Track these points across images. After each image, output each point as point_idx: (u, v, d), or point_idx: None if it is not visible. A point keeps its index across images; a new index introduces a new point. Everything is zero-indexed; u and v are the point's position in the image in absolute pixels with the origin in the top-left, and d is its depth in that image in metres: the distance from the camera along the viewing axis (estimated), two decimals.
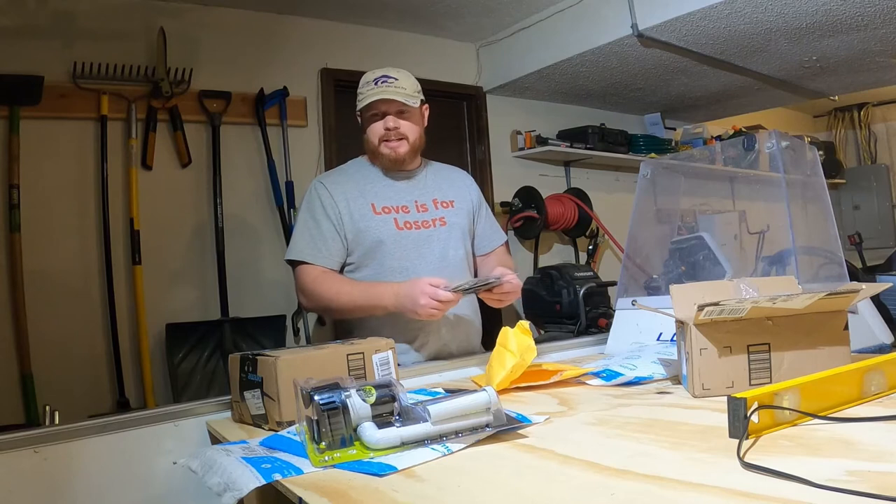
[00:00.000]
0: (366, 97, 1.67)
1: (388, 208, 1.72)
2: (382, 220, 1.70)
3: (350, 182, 1.74)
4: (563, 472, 0.75)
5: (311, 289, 1.67)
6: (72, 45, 2.51)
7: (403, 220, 1.71)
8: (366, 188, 1.73)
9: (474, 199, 1.88)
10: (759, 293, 1.07)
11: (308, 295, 1.69)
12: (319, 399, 0.86)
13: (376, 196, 1.72)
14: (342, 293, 1.65)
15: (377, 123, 1.69)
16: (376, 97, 1.65)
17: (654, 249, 1.95)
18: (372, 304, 1.61)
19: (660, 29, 2.82)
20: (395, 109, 1.68)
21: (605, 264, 4.09)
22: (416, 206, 1.74)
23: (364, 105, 1.67)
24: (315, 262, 1.68)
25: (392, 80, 1.68)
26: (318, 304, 1.69)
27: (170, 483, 1.16)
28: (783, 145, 1.60)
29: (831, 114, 5.85)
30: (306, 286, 1.68)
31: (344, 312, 1.69)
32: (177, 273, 2.72)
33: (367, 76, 1.71)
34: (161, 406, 1.61)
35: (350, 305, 1.64)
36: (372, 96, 1.66)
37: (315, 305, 1.71)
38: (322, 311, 1.82)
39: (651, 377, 1.24)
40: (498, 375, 1.23)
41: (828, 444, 0.74)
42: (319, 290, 1.66)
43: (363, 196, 1.71)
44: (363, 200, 1.71)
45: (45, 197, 2.46)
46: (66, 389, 2.41)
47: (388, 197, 1.73)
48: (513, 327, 1.28)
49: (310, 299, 1.69)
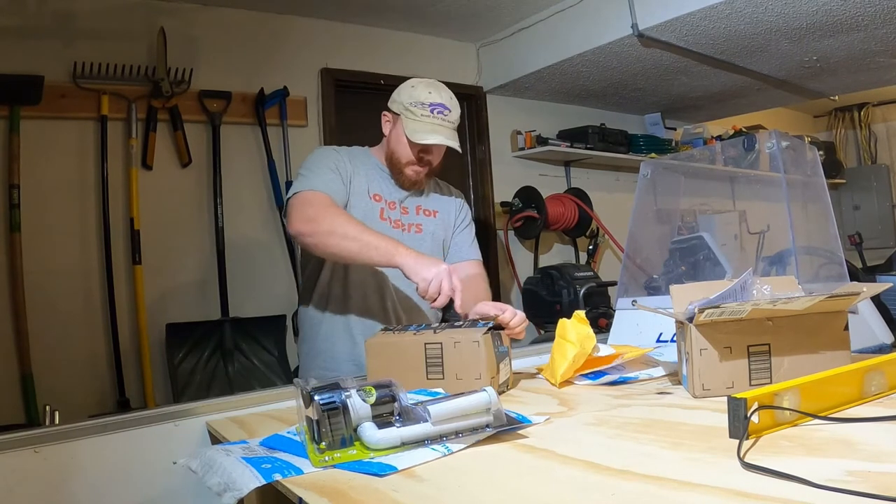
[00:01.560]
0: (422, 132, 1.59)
1: (378, 196, 1.70)
2: (370, 205, 1.67)
3: (357, 158, 1.72)
4: (563, 472, 0.75)
5: (316, 211, 1.50)
6: (72, 45, 2.52)
7: (388, 214, 1.70)
8: (367, 171, 1.71)
9: (460, 216, 1.85)
10: (772, 290, 1.07)
11: (311, 217, 1.50)
12: (319, 399, 0.86)
13: (372, 182, 1.70)
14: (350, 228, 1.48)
15: (414, 151, 1.64)
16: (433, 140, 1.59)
17: (654, 249, 1.95)
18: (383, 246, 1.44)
19: (660, 29, 2.82)
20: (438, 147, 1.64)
21: (605, 264, 4.09)
22: (401, 207, 1.73)
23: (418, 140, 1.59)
24: (327, 192, 1.55)
25: (448, 112, 1.61)
26: (320, 227, 1.49)
27: (170, 483, 1.16)
28: (783, 145, 1.60)
29: (831, 114, 5.85)
30: (310, 207, 1.52)
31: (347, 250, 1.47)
32: (177, 273, 2.72)
33: (420, 93, 1.61)
34: (161, 406, 1.61)
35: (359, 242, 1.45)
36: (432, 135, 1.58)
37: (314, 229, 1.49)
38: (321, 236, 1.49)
39: (637, 377, 1.26)
40: (561, 366, 1.26)
41: (828, 445, 0.74)
42: (330, 212, 1.51)
43: (364, 175, 1.69)
44: (363, 178, 1.68)
45: (45, 197, 2.47)
46: (66, 389, 2.41)
47: (381, 188, 1.72)
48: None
49: (312, 221, 1.50)
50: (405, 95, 1.64)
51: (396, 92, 1.68)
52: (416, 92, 1.62)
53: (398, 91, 1.67)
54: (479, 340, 1.17)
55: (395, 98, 1.67)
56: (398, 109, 1.64)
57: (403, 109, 1.62)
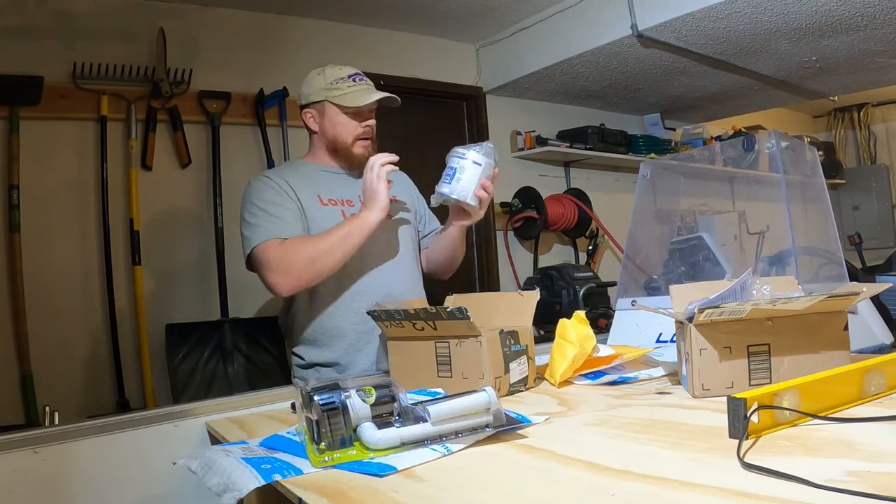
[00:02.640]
0: (359, 95, 1.62)
1: (333, 200, 1.66)
2: (330, 212, 1.63)
3: (293, 175, 1.67)
4: (562, 472, 0.75)
5: (281, 254, 1.51)
6: (72, 45, 2.51)
7: (350, 212, 1.64)
8: (309, 181, 1.67)
9: (415, 196, 1.86)
10: (772, 290, 1.07)
11: (280, 263, 1.50)
12: (319, 399, 0.86)
13: (321, 188, 1.66)
14: (317, 237, 1.53)
15: (355, 122, 1.65)
16: (374, 97, 1.62)
17: (654, 249, 1.95)
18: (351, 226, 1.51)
19: (660, 29, 2.82)
20: (370, 108, 1.66)
21: (604, 264, 4.09)
22: (360, 200, 1.65)
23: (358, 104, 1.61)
24: (277, 236, 1.54)
25: (364, 77, 1.67)
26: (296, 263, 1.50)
27: (169, 483, 1.16)
28: (783, 145, 1.61)
29: (831, 114, 5.85)
30: (274, 256, 1.51)
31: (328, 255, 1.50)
32: (177, 273, 2.72)
33: (334, 73, 1.66)
34: (161, 406, 1.61)
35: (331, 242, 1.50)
36: (366, 95, 1.62)
37: (293, 270, 1.51)
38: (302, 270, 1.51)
39: (637, 377, 1.26)
40: (561, 367, 1.26)
41: (828, 445, 0.74)
42: (292, 249, 1.51)
43: (309, 187, 1.65)
44: (309, 192, 1.64)
45: (45, 197, 2.46)
46: (66, 390, 2.41)
47: (332, 190, 1.68)
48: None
49: (283, 266, 1.50)
50: (319, 82, 1.66)
51: (305, 86, 1.69)
52: (329, 72, 1.66)
53: (307, 85, 1.69)
54: (482, 340, 1.17)
55: (309, 91, 1.68)
56: (319, 97, 1.65)
57: (326, 93, 1.64)
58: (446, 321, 1.17)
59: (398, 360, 1.32)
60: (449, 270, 1.83)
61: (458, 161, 1.50)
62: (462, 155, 1.49)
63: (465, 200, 1.50)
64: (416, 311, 1.22)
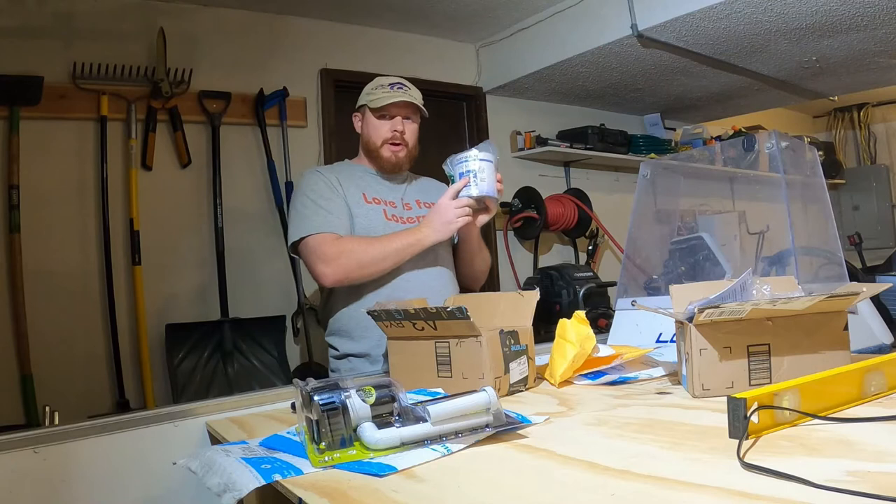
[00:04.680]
0: (382, 98, 1.71)
1: (377, 199, 1.76)
2: (372, 209, 1.73)
3: (342, 173, 1.78)
4: (562, 472, 0.75)
5: (335, 250, 1.60)
6: (72, 45, 2.52)
7: (391, 212, 1.75)
8: (356, 181, 1.77)
9: None
10: (772, 290, 1.07)
11: (333, 258, 1.60)
12: (319, 399, 0.86)
13: (366, 188, 1.77)
14: (372, 242, 1.62)
15: (385, 124, 1.74)
16: (396, 99, 1.70)
17: (654, 249, 1.95)
18: (408, 242, 1.61)
19: (659, 29, 2.82)
20: (404, 114, 1.74)
21: (604, 264, 4.09)
22: (402, 203, 1.79)
23: (380, 105, 1.71)
24: (331, 230, 1.64)
25: (406, 87, 1.75)
26: (348, 262, 1.60)
27: (169, 483, 1.16)
28: (783, 146, 1.61)
29: (831, 114, 5.85)
30: (328, 250, 1.61)
31: (378, 263, 1.61)
32: (177, 273, 2.72)
33: (381, 80, 1.76)
34: (161, 406, 1.61)
35: (384, 252, 1.60)
36: (391, 98, 1.71)
37: (343, 267, 1.61)
38: (352, 271, 1.62)
39: (637, 377, 1.26)
40: (561, 367, 1.26)
41: (828, 444, 0.74)
42: (347, 247, 1.61)
43: (354, 185, 1.75)
44: (355, 189, 1.74)
45: (45, 197, 2.46)
46: (66, 390, 2.41)
47: (376, 190, 1.78)
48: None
49: (336, 262, 1.60)
50: (367, 89, 1.78)
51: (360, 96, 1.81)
52: (375, 81, 1.78)
53: (361, 94, 1.81)
54: (482, 340, 1.17)
55: (359, 98, 1.80)
56: (362, 101, 1.77)
57: (366, 97, 1.76)
58: (446, 321, 1.17)
59: (398, 360, 1.32)
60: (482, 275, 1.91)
61: (470, 164, 1.57)
62: (474, 157, 1.57)
63: (492, 195, 1.60)
64: (416, 310, 1.22)
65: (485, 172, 1.57)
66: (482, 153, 1.57)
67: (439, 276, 1.75)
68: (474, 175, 1.57)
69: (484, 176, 1.57)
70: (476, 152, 1.57)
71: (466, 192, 1.57)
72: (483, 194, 1.57)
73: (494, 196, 1.60)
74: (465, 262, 1.85)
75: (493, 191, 1.58)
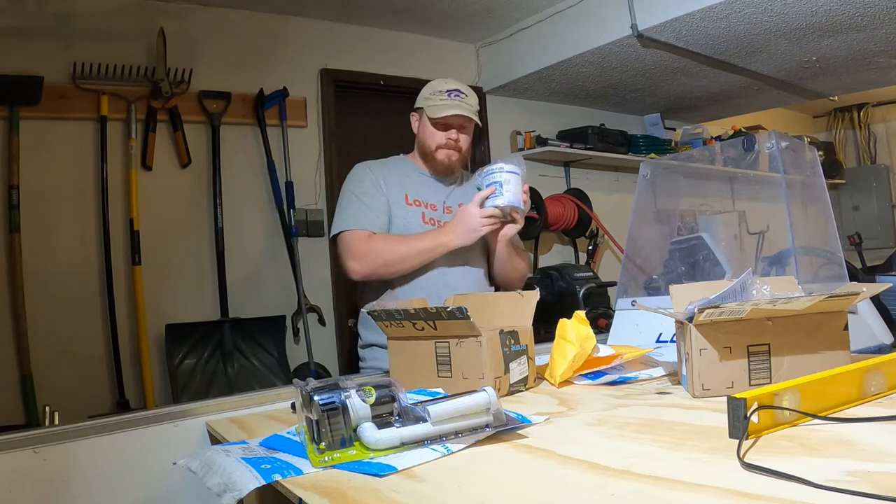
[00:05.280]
0: (442, 108, 1.75)
1: (418, 202, 1.81)
2: (412, 211, 1.79)
3: (390, 171, 1.84)
4: (562, 472, 0.75)
5: (365, 248, 1.69)
6: (72, 45, 2.52)
7: (430, 216, 1.80)
8: (402, 179, 1.82)
9: None
10: (772, 290, 1.07)
11: (362, 255, 1.69)
12: (319, 399, 0.86)
13: (410, 188, 1.82)
14: (400, 242, 1.71)
15: (440, 133, 1.78)
16: (455, 111, 1.74)
17: (654, 249, 1.95)
18: (433, 244, 1.68)
19: (659, 29, 2.82)
20: (459, 123, 1.78)
21: (604, 264, 4.09)
22: (444, 206, 1.83)
23: (438, 115, 1.74)
24: (365, 227, 1.72)
25: (464, 95, 1.78)
26: (376, 260, 1.69)
27: (169, 483, 1.16)
28: (783, 146, 1.60)
29: (831, 114, 5.85)
30: (359, 247, 1.70)
31: (404, 262, 1.70)
32: (177, 273, 2.72)
33: (438, 85, 1.80)
34: (161, 406, 1.61)
35: (410, 252, 1.68)
36: (450, 109, 1.74)
37: (371, 264, 1.70)
38: (379, 268, 1.72)
39: (637, 377, 1.26)
40: (561, 367, 1.27)
41: (828, 444, 0.74)
42: (376, 246, 1.69)
43: (400, 185, 1.81)
44: (399, 188, 1.80)
45: (45, 197, 2.47)
46: (66, 390, 2.41)
47: (420, 192, 1.82)
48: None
49: (365, 259, 1.69)
50: (425, 91, 1.81)
51: (418, 95, 1.84)
52: (434, 84, 1.81)
53: (420, 93, 1.83)
54: (482, 340, 1.17)
55: (418, 98, 1.83)
56: (420, 104, 1.82)
57: (424, 101, 1.80)
58: (446, 321, 1.17)
59: (398, 360, 1.32)
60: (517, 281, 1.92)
61: (498, 175, 1.62)
62: (500, 169, 1.62)
63: (518, 206, 1.64)
64: (417, 310, 1.22)
65: (511, 184, 1.61)
66: (508, 165, 1.62)
67: (467, 275, 1.79)
68: (500, 185, 1.61)
69: (510, 187, 1.61)
70: (503, 164, 1.62)
71: (492, 201, 1.62)
72: (508, 204, 1.62)
73: (520, 207, 1.64)
74: (496, 269, 1.88)
75: (518, 202, 1.63)
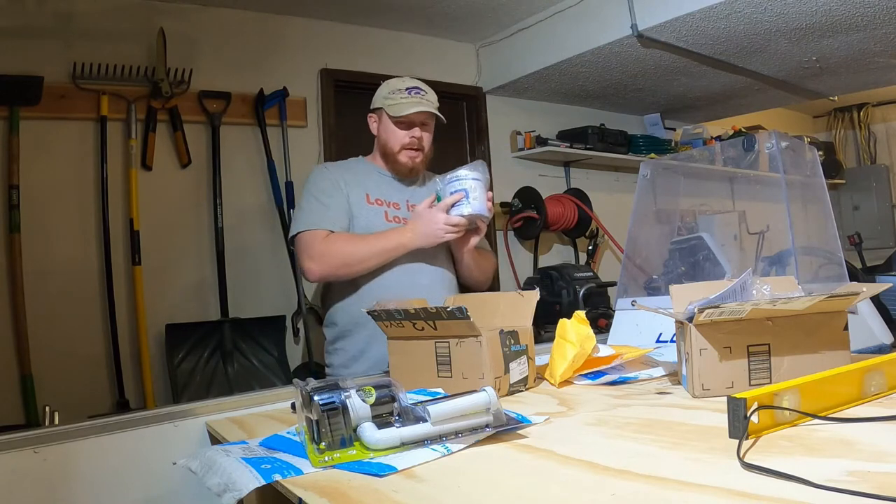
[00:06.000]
0: (400, 105, 1.73)
1: (380, 201, 1.78)
2: (374, 211, 1.76)
3: (349, 172, 1.81)
4: (562, 472, 0.75)
5: (322, 248, 1.66)
6: (72, 45, 2.51)
7: (393, 214, 1.77)
8: (363, 179, 1.80)
9: None
10: (772, 290, 1.07)
11: (320, 256, 1.66)
12: (319, 399, 0.86)
13: (371, 188, 1.79)
14: (358, 242, 1.67)
15: (402, 131, 1.76)
16: (416, 108, 1.72)
17: (654, 249, 1.95)
18: (391, 245, 1.65)
19: (659, 29, 2.82)
20: (421, 120, 1.76)
21: (604, 264, 4.09)
22: (407, 205, 1.80)
23: (400, 113, 1.72)
24: (323, 226, 1.69)
25: (424, 92, 1.77)
26: (333, 261, 1.66)
27: (169, 483, 1.16)
28: (783, 146, 1.61)
29: (831, 114, 5.85)
30: (316, 247, 1.66)
31: (362, 263, 1.66)
32: (177, 273, 2.72)
33: (396, 83, 1.77)
34: (161, 406, 1.61)
35: (369, 252, 1.65)
36: (413, 106, 1.72)
37: (328, 265, 1.67)
38: (337, 269, 1.68)
39: (637, 377, 1.26)
40: (561, 367, 1.27)
41: (828, 444, 0.74)
42: (333, 246, 1.66)
43: (360, 185, 1.78)
44: (359, 189, 1.77)
45: (45, 197, 2.46)
46: (65, 390, 2.41)
47: (381, 191, 1.80)
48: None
49: (322, 260, 1.66)
50: (383, 90, 1.78)
51: (376, 93, 1.82)
52: (392, 83, 1.78)
53: (376, 93, 1.81)
54: (482, 340, 1.17)
55: (375, 98, 1.81)
56: (379, 104, 1.78)
57: (383, 101, 1.76)
58: (446, 321, 1.17)
59: (398, 360, 1.32)
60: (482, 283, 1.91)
61: (465, 182, 1.59)
62: (466, 176, 1.59)
63: (484, 214, 1.62)
64: (417, 310, 1.22)
65: (476, 192, 1.59)
66: (473, 172, 1.59)
67: (434, 273, 1.76)
68: (467, 193, 1.59)
69: (476, 195, 1.59)
70: (468, 171, 1.59)
71: (458, 210, 1.59)
72: (475, 213, 1.60)
73: (486, 215, 1.63)
74: (462, 274, 1.87)
75: (484, 210, 1.61)
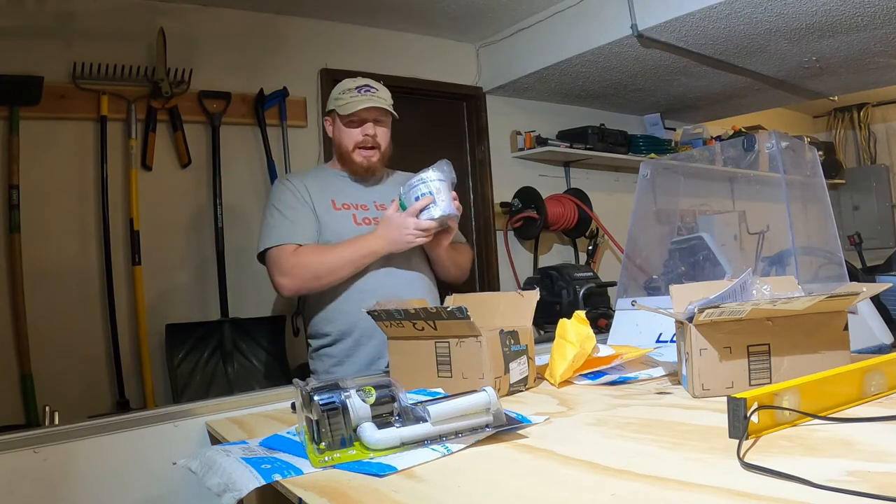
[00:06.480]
0: (351, 104, 1.72)
1: (347, 205, 1.77)
2: (342, 216, 1.75)
3: (313, 180, 1.80)
4: (562, 472, 0.75)
5: (292, 262, 1.64)
6: (72, 45, 2.51)
7: (362, 216, 1.76)
8: (327, 186, 1.79)
9: None
10: (772, 290, 1.07)
11: (290, 270, 1.64)
12: (319, 399, 0.86)
13: (337, 193, 1.78)
14: (328, 253, 1.65)
15: (355, 130, 1.75)
16: (367, 104, 1.71)
17: (654, 249, 1.95)
18: (362, 253, 1.64)
19: (659, 29, 2.82)
20: (373, 117, 1.75)
21: (604, 264, 4.09)
22: (375, 205, 1.80)
23: (349, 112, 1.71)
24: (291, 241, 1.67)
25: (374, 90, 1.75)
26: (304, 275, 1.64)
27: (169, 483, 1.16)
28: (783, 146, 1.61)
29: (831, 114, 5.85)
30: (286, 262, 1.64)
31: (334, 273, 1.65)
32: (176, 274, 2.72)
33: (347, 83, 1.76)
34: (161, 406, 1.61)
35: (340, 262, 1.63)
36: (362, 103, 1.71)
37: (300, 280, 1.65)
38: (308, 282, 1.66)
39: (637, 377, 1.26)
40: (561, 367, 1.27)
41: (828, 444, 0.74)
42: (303, 259, 1.64)
43: (324, 192, 1.77)
44: (324, 196, 1.76)
45: (45, 197, 2.46)
46: (66, 390, 2.41)
47: (348, 195, 1.79)
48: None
49: (293, 274, 1.64)
50: (335, 92, 1.78)
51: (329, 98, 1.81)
52: (343, 84, 1.77)
53: (330, 96, 1.81)
54: (482, 340, 1.17)
55: (329, 102, 1.80)
56: (331, 106, 1.78)
57: (335, 102, 1.76)
58: (446, 321, 1.18)
59: (398, 360, 1.32)
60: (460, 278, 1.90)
61: (431, 185, 1.59)
62: (430, 179, 1.59)
63: (453, 213, 1.61)
64: (417, 310, 1.22)
65: (442, 193, 1.59)
66: (436, 173, 1.59)
67: (407, 277, 1.75)
68: (434, 195, 1.58)
69: (443, 196, 1.59)
70: (432, 173, 1.59)
71: (428, 213, 1.59)
72: (444, 214, 1.59)
73: (455, 214, 1.62)
74: (438, 271, 1.86)
75: (452, 209, 1.60)
